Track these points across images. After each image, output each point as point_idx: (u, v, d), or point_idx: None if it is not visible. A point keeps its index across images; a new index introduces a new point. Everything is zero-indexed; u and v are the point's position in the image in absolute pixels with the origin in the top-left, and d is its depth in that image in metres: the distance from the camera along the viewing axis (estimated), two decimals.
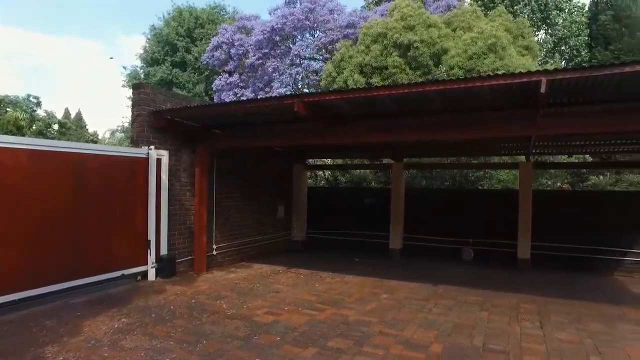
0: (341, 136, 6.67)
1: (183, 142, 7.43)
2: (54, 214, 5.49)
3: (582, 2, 16.64)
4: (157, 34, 22.83)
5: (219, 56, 17.93)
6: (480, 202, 9.65)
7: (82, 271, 5.79)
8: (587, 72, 4.16)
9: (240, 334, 4.47)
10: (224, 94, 17.52)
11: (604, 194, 9.79)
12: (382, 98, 5.26)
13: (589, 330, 4.74)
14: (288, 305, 5.57)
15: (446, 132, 5.98)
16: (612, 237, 8.28)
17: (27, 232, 5.19)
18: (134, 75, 23.70)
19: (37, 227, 5.29)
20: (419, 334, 4.55)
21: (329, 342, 4.27)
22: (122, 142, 24.80)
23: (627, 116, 5.01)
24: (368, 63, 10.76)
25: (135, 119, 6.84)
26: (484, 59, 9.79)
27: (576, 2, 16.40)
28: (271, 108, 6.04)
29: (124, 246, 6.39)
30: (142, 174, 6.66)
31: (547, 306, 5.71)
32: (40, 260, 5.31)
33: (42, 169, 5.38)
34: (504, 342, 4.32)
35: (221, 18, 23.46)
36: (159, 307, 5.32)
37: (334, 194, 11.91)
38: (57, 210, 5.53)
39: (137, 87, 6.98)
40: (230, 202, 8.53)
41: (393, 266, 8.61)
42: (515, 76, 4.47)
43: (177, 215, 7.27)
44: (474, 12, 11.63)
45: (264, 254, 9.51)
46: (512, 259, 8.70)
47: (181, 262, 7.34)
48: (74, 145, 6.13)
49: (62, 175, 5.61)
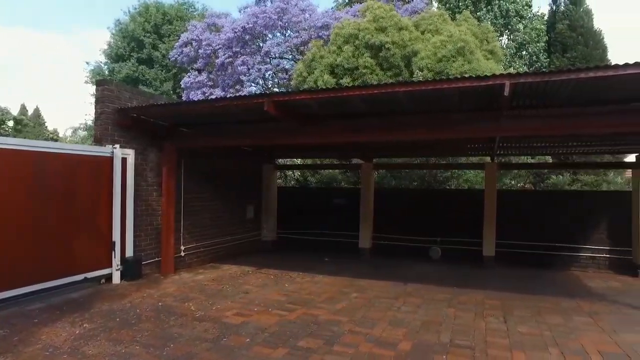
0: (311, 136, 6.68)
1: (150, 140, 7.23)
2: (9, 215, 5.21)
3: (541, 11, 17.50)
4: (122, 29, 22.11)
5: (188, 52, 17.54)
6: (448, 201, 9.90)
7: (41, 275, 5.53)
8: (547, 76, 4.36)
9: (209, 336, 4.40)
10: (193, 92, 17.16)
11: (561, 194, 10.27)
12: (352, 98, 5.31)
13: (548, 323, 4.96)
14: (258, 306, 5.52)
15: (415, 132, 6.10)
16: (568, 234, 8.70)
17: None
18: (98, 72, 22.86)
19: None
20: (388, 331, 4.61)
21: (299, 342, 4.26)
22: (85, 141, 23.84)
23: (583, 119, 5.28)
24: (340, 64, 10.82)
25: (98, 117, 6.60)
26: (452, 62, 10.04)
27: (535, 12, 17.19)
28: (241, 107, 5.97)
29: (87, 248, 6.15)
30: (107, 174, 6.43)
31: (510, 301, 5.93)
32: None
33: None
34: (469, 338, 4.45)
35: (190, 15, 23.00)
36: (124, 311, 5.15)
37: (304, 194, 11.91)
38: (13, 212, 5.25)
39: (101, 84, 6.73)
40: (199, 202, 8.37)
41: (363, 265, 8.70)
42: (481, 79, 4.62)
43: (143, 215, 7.07)
44: (441, 15, 11.91)
45: (234, 255, 9.39)
46: (477, 256, 8.97)
47: (148, 264, 7.14)
48: (32, 143, 5.84)
49: (18, 174, 5.33)
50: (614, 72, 4.08)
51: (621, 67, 4.04)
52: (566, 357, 3.96)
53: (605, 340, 4.43)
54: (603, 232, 8.55)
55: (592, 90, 4.70)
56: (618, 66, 4.06)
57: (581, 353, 4.08)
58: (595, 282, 7.43)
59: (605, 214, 8.55)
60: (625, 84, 4.44)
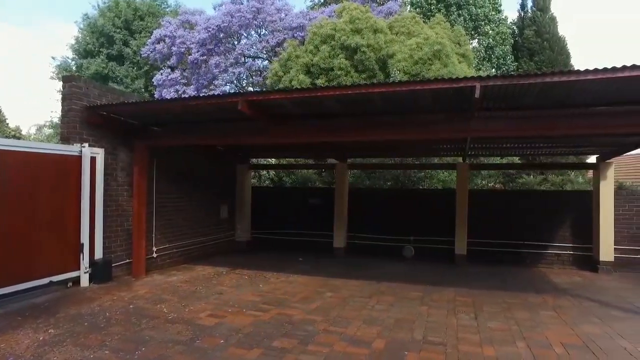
0: (286, 136, 6.67)
1: (121, 139, 7.05)
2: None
3: (505, 14, 18.14)
4: (91, 23, 21.38)
5: (160, 49, 17.15)
6: (421, 201, 10.08)
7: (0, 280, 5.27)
8: (515, 79, 4.51)
9: (182, 338, 4.33)
10: (165, 90, 16.82)
11: (529, 193, 10.63)
12: (327, 99, 5.34)
13: (515, 318, 5.14)
14: (232, 307, 5.47)
15: (389, 132, 6.18)
16: (536, 232, 9.03)
17: None
18: (65, 67, 22.02)
19: None
20: (362, 330, 4.66)
21: (274, 342, 4.25)
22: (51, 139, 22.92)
23: (549, 121, 5.48)
24: (316, 64, 10.83)
25: (66, 115, 6.37)
26: (429, 65, 10.21)
27: (500, 16, 17.76)
28: (214, 106, 5.90)
29: (52, 251, 5.92)
30: (75, 173, 6.22)
31: (481, 298, 6.10)
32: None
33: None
34: (442, 334, 4.56)
35: (162, 11, 22.50)
36: (93, 315, 5.00)
37: (278, 194, 11.87)
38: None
39: (68, 80, 6.49)
40: (171, 203, 8.22)
41: (337, 265, 8.75)
42: (453, 81, 4.73)
43: (113, 216, 6.88)
44: (413, 18, 12.10)
45: (208, 256, 9.26)
46: (450, 255, 9.19)
47: (118, 266, 6.95)
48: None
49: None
50: (576, 77, 4.27)
51: (582, 72, 4.24)
52: (532, 350, 4.11)
53: (568, 333, 4.64)
54: (567, 230, 8.92)
55: (557, 93, 4.90)
56: (579, 72, 4.25)
57: (546, 345, 4.25)
58: (560, 277, 7.74)
59: (569, 213, 8.93)
60: (587, 89, 4.65)
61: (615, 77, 4.15)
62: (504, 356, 3.98)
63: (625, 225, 8.38)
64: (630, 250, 8.32)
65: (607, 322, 5.04)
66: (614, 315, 5.37)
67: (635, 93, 4.81)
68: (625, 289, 6.86)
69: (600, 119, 5.39)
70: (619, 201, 8.37)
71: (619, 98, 5.02)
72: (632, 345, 4.29)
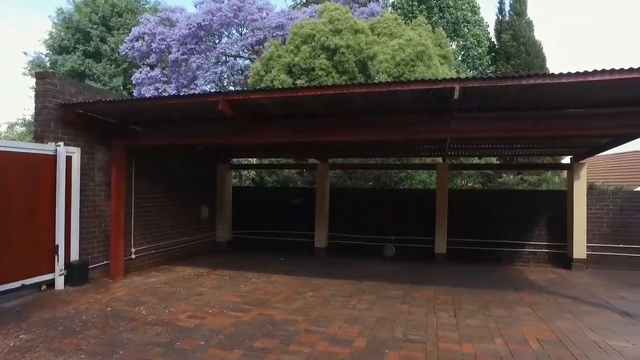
0: (267, 136, 6.63)
1: (98, 138, 6.89)
2: None
3: (482, 16, 18.54)
4: (66, 18, 20.77)
5: (139, 47, 16.81)
6: (402, 201, 10.19)
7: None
8: (494, 81, 4.61)
9: (162, 340, 4.26)
10: (145, 88, 16.50)
11: (507, 193, 10.87)
12: (308, 99, 5.34)
13: (493, 316, 5.25)
14: (212, 308, 5.42)
15: (369, 132, 6.22)
16: (513, 231, 9.25)
17: None
18: (38, 63, 21.31)
19: None
20: (343, 329, 4.69)
21: (255, 343, 4.23)
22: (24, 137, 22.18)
23: (525, 123, 5.62)
24: (297, 64, 10.81)
25: (39, 112, 6.19)
26: (412, 66, 10.30)
27: (476, 17, 18.14)
28: (195, 105, 5.84)
29: (25, 253, 5.73)
30: (49, 173, 6.05)
31: (460, 296, 6.21)
32: None
33: None
34: (422, 332, 4.62)
35: (142, 8, 22.06)
36: (68, 318, 4.87)
37: (259, 194, 11.81)
38: None
39: (42, 77, 6.30)
40: (150, 203, 8.08)
41: (319, 265, 8.76)
42: (432, 82, 4.81)
43: (90, 217, 6.72)
44: (395, 19, 12.21)
45: (188, 256, 9.15)
46: (430, 254, 9.32)
47: (95, 268, 6.79)
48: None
49: None
50: (550, 80, 4.40)
51: (556, 75, 4.36)
52: (509, 346, 4.21)
53: (543, 328, 4.78)
54: (543, 228, 9.16)
55: (534, 95, 5.03)
56: (554, 75, 4.38)
57: (522, 341, 4.36)
58: (536, 275, 7.95)
59: (545, 212, 9.17)
60: (561, 91, 4.79)
61: (587, 81, 4.29)
62: (482, 353, 4.06)
63: (596, 223, 8.67)
64: (600, 247, 8.62)
65: (579, 317, 5.21)
66: (585, 310, 5.56)
67: (607, 96, 4.99)
68: (596, 285, 7.10)
69: (575, 120, 5.55)
70: (591, 201, 8.66)
71: (592, 101, 5.19)
72: (601, 338, 4.48)
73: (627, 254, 8.50)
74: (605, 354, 4.07)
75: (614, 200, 8.71)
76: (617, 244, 8.57)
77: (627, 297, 6.24)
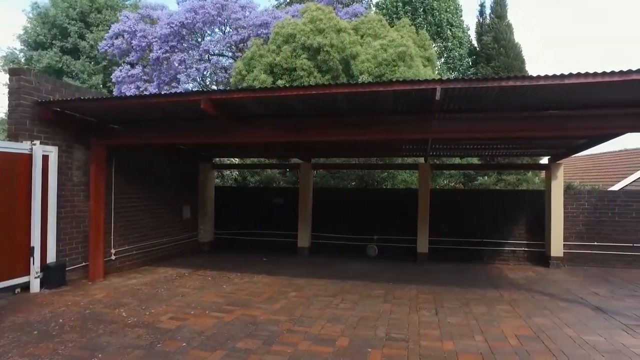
0: (249, 135, 6.59)
1: (76, 137, 6.73)
2: None
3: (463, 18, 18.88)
4: (41, 13, 20.19)
5: (119, 45, 16.47)
6: (385, 201, 10.26)
7: None
8: (474, 83, 4.69)
9: (143, 342, 4.19)
10: (125, 86, 16.18)
11: (487, 193, 11.08)
12: (291, 99, 5.34)
13: (474, 313, 5.35)
14: (194, 309, 5.36)
15: (351, 132, 6.25)
16: (494, 231, 9.43)
17: None
18: (12, 59, 20.66)
19: None
20: (326, 329, 4.70)
21: (237, 343, 4.20)
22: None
23: (505, 124, 5.74)
24: (279, 63, 10.77)
25: (14, 110, 6.01)
26: (393, 66, 10.37)
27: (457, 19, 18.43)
28: (176, 104, 5.75)
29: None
30: (24, 173, 5.88)
31: (442, 295, 6.30)
32: None
33: None
34: (404, 331, 4.67)
35: (122, 4, 21.63)
36: (44, 322, 4.74)
37: (242, 194, 11.73)
38: None
39: (16, 73, 6.11)
40: (131, 203, 7.94)
41: (301, 264, 8.76)
42: (415, 83, 4.86)
43: (68, 218, 6.56)
44: (379, 20, 12.29)
45: (170, 257, 9.03)
46: (412, 253, 9.41)
47: (74, 270, 6.64)
48: None
49: None
50: (529, 82, 4.50)
51: (535, 78, 4.47)
52: (489, 343, 4.30)
53: (521, 325, 4.89)
54: (522, 228, 9.36)
55: (514, 97, 5.14)
56: (532, 77, 4.48)
57: (502, 338, 4.45)
58: (515, 273, 8.12)
59: (524, 212, 9.38)
60: (540, 93, 4.91)
61: (563, 84, 4.40)
62: (463, 350, 4.13)
63: (572, 222, 8.92)
64: (576, 245, 8.86)
65: (556, 313, 5.35)
66: (561, 306, 5.71)
67: (583, 98, 5.13)
68: (572, 281, 7.31)
69: (553, 121, 5.69)
70: (568, 200, 8.90)
71: (570, 103, 5.33)
72: (576, 333, 4.62)
73: (600, 252, 8.77)
74: (580, 348, 4.19)
75: (588, 199, 8.97)
76: (591, 242, 8.83)
77: (599, 293, 6.44)
